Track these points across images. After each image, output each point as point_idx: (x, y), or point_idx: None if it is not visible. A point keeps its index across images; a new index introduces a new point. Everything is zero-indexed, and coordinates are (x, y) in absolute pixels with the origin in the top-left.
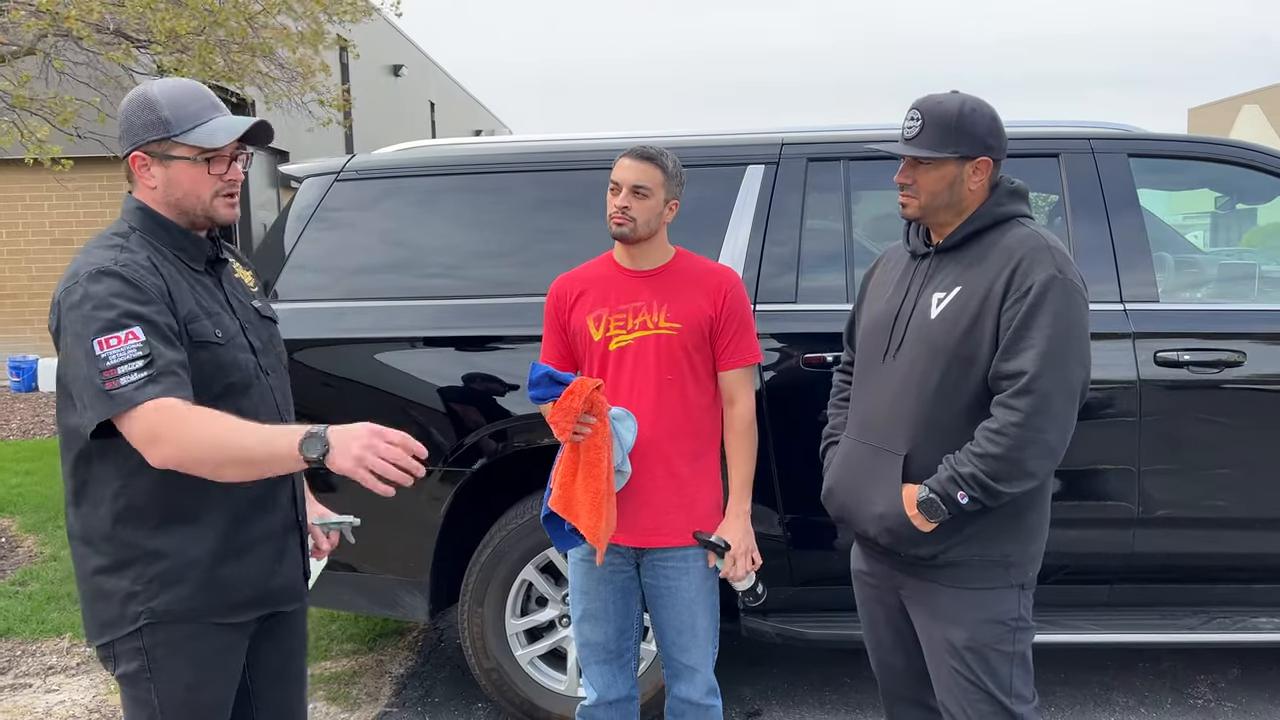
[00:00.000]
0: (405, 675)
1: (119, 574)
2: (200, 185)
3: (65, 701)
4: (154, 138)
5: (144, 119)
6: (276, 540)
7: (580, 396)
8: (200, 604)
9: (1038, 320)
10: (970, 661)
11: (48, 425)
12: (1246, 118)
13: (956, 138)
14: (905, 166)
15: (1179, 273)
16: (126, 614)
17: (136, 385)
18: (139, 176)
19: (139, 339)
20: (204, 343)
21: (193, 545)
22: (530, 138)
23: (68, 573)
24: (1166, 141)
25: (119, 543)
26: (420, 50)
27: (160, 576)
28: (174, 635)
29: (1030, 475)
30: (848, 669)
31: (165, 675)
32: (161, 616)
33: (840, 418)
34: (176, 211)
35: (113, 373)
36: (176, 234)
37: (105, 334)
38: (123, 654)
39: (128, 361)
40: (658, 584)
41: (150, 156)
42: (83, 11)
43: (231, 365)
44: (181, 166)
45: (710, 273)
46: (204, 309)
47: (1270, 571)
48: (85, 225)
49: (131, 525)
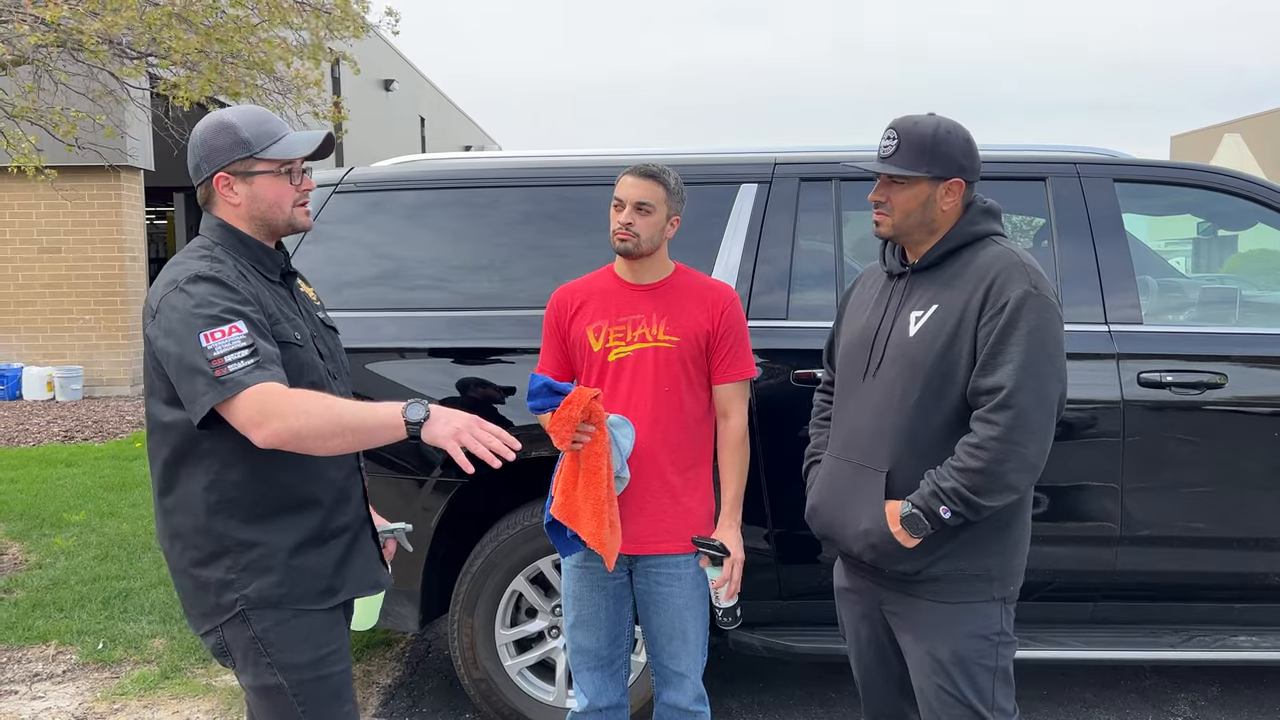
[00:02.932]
0: (393, 685)
1: (213, 564)
2: (284, 196)
3: (51, 709)
4: (237, 157)
5: (226, 141)
6: (353, 531)
7: (579, 406)
8: (288, 591)
9: (1014, 336)
10: (954, 675)
11: (32, 433)
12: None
13: (930, 158)
14: (880, 185)
15: (1162, 296)
16: (223, 602)
17: (245, 370)
18: (222, 195)
19: (242, 332)
20: (286, 343)
21: (281, 536)
22: (529, 153)
23: (52, 580)
24: (1151, 167)
25: (212, 535)
26: (412, 65)
27: (251, 565)
28: (280, 619)
29: (1011, 488)
30: (833, 684)
31: (285, 657)
32: (256, 603)
33: (822, 437)
34: (259, 224)
35: (221, 361)
36: (255, 248)
37: (211, 328)
38: (236, 645)
39: (234, 351)
40: (650, 591)
41: (234, 176)
42: (105, 25)
43: (310, 366)
44: (264, 181)
45: (709, 288)
46: (284, 314)
47: (1251, 590)
48: (74, 234)
49: (224, 517)
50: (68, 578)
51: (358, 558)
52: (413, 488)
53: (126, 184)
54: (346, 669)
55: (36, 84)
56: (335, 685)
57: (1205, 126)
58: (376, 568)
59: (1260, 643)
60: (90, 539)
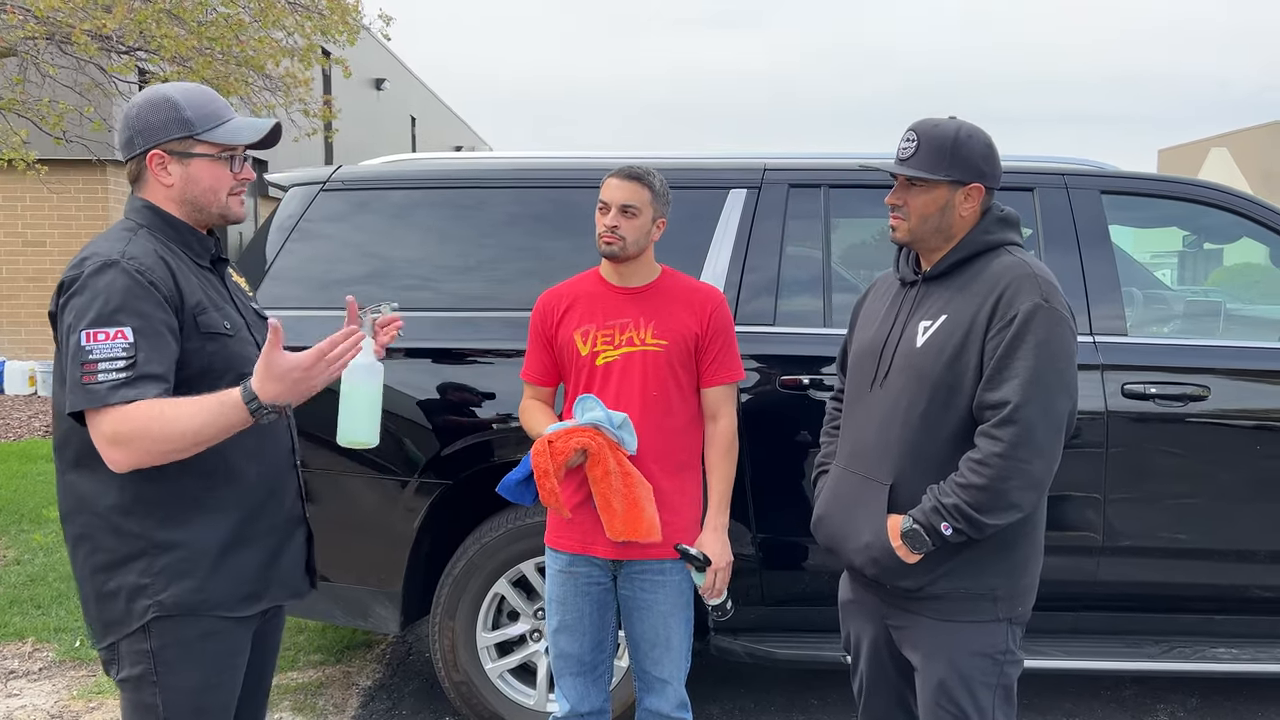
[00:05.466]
0: (373, 687)
1: (124, 569)
2: (220, 182)
3: (26, 706)
4: (176, 135)
5: (165, 118)
6: (280, 532)
7: (545, 457)
8: (209, 595)
9: (1021, 349)
10: (955, 694)
11: (13, 428)
12: (1214, 160)
13: (950, 162)
14: (897, 188)
15: (1147, 307)
16: (134, 609)
17: (111, 385)
18: (154, 175)
19: (127, 339)
20: (213, 334)
21: (205, 535)
22: (520, 154)
23: (30, 576)
24: (1139, 180)
25: (126, 535)
26: (403, 64)
27: (169, 568)
28: (184, 633)
29: (1014, 507)
30: (816, 691)
31: (172, 678)
32: (171, 610)
33: (832, 446)
34: (190, 209)
35: (92, 367)
36: (184, 231)
37: (95, 327)
38: (127, 656)
39: (109, 359)
40: (634, 596)
41: (169, 155)
42: (97, 26)
43: (240, 358)
44: (202, 164)
45: (695, 291)
46: (212, 301)
47: (1231, 602)
48: (59, 228)
49: (140, 516)
50: (46, 574)
51: (285, 560)
52: (395, 489)
53: (113, 178)
54: (229, 703)
55: (24, 76)
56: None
57: (1192, 140)
58: (300, 574)
59: (1240, 654)
60: None
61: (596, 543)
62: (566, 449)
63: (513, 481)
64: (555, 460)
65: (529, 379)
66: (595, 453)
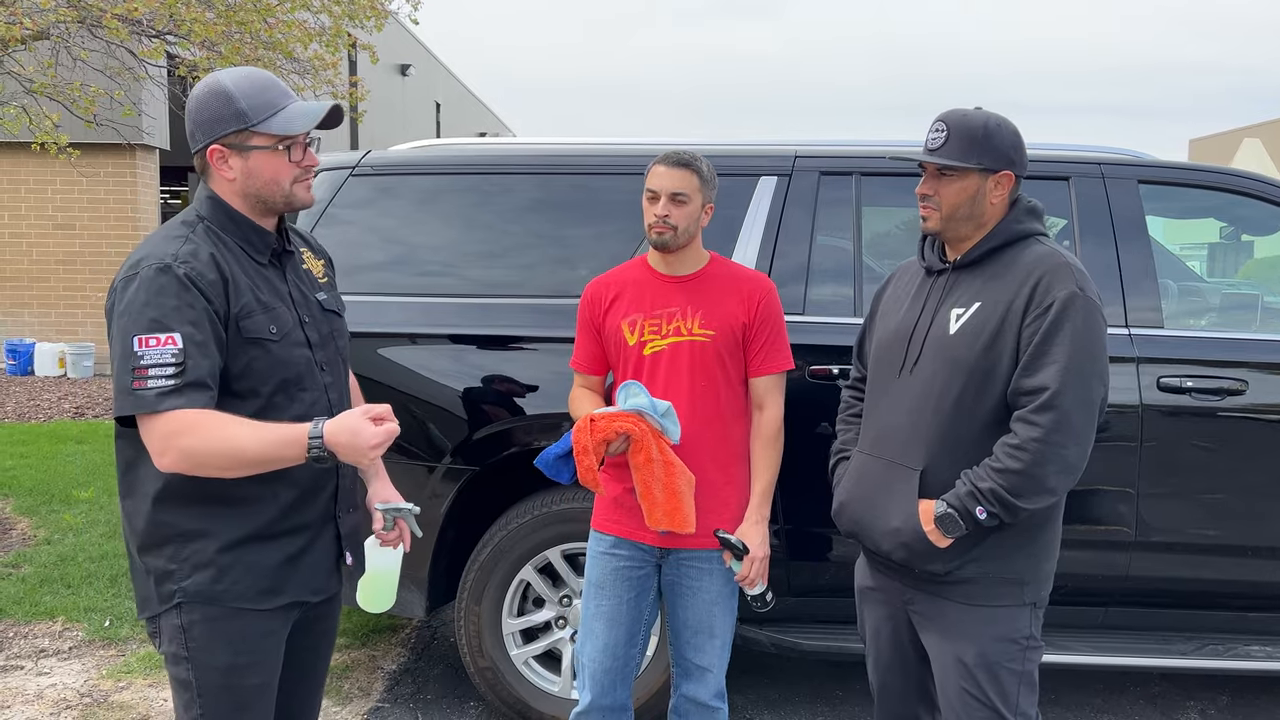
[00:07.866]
0: (398, 671)
1: (157, 551)
2: (281, 173)
3: (57, 684)
4: (232, 129)
5: (220, 112)
6: (309, 531)
7: (586, 433)
8: (228, 588)
9: (1059, 336)
10: (979, 677)
11: (43, 409)
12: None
13: (981, 150)
14: (927, 178)
15: (1183, 300)
16: (162, 592)
17: (160, 392)
18: (216, 170)
19: (177, 345)
20: (256, 339)
21: (227, 528)
22: (544, 140)
23: (60, 556)
24: (1178, 169)
25: (157, 522)
26: (428, 50)
27: (191, 557)
28: (210, 616)
29: (1050, 491)
30: (840, 682)
31: (202, 656)
32: (194, 597)
33: (850, 433)
34: (254, 201)
35: (143, 373)
36: (245, 226)
37: (146, 333)
38: (166, 630)
39: (159, 365)
40: (680, 582)
41: (229, 149)
42: (127, 9)
43: (285, 362)
44: (261, 156)
45: (745, 279)
46: (261, 303)
47: (1265, 599)
48: (89, 211)
49: (169, 506)
50: (75, 554)
51: (309, 558)
52: (423, 474)
53: (142, 162)
54: (264, 683)
55: (55, 60)
56: (242, 697)
57: (1224, 130)
58: (327, 573)
59: (1274, 653)
60: (99, 516)
61: (644, 529)
62: (609, 429)
63: (551, 456)
64: (595, 438)
65: (578, 367)
66: (638, 439)
